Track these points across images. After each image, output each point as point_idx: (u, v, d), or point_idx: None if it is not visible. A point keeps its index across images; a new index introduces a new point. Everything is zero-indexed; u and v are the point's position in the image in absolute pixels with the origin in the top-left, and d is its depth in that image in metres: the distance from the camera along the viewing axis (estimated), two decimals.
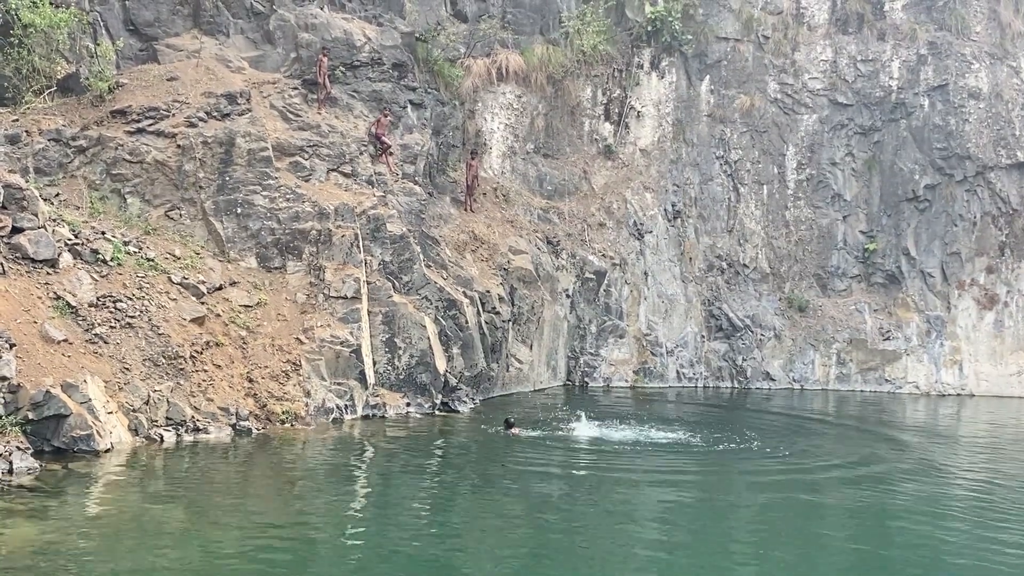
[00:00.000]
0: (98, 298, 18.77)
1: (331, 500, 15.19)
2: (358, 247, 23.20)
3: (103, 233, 20.21)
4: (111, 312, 18.68)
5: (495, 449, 19.76)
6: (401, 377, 23.10)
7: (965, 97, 34.77)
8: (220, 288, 21.30)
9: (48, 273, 18.41)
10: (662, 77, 34.24)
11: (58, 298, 18.10)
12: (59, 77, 23.43)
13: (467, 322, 24.99)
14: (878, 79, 35.26)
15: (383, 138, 25.87)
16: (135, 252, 20.39)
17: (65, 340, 17.38)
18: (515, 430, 20.64)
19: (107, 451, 16.27)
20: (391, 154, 26.14)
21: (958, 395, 34.25)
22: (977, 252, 34.86)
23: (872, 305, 34.88)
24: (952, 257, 34.80)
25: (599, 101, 33.76)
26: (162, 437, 17.62)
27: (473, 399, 24.67)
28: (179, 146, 22.61)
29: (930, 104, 34.97)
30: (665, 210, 33.55)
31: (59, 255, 18.71)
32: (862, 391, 33.88)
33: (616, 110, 33.86)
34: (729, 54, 34.90)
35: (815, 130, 35.32)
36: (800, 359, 34.05)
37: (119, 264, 19.72)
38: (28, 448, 15.31)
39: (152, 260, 20.47)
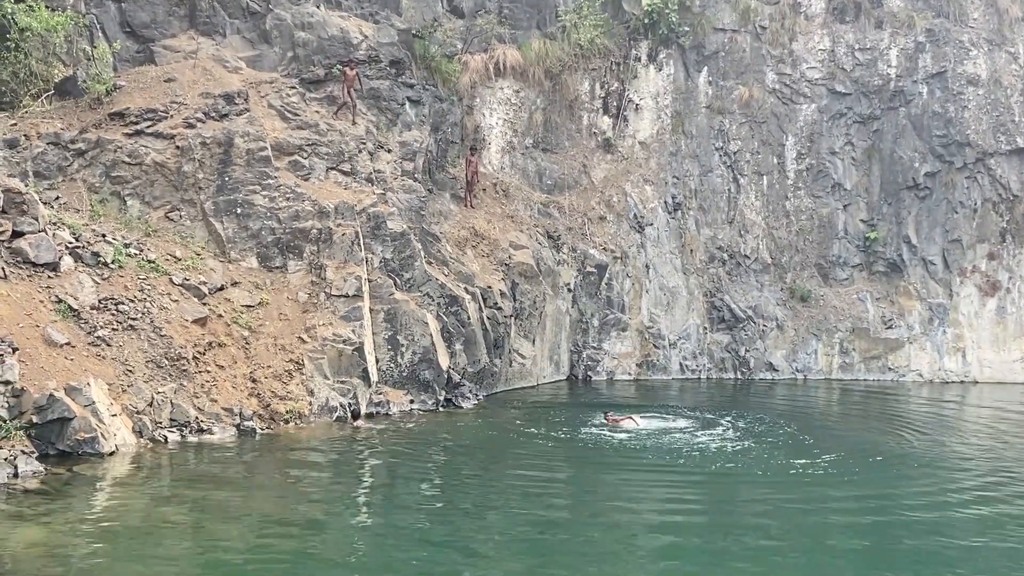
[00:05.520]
0: (100, 301, 18.77)
1: (337, 499, 15.20)
2: (359, 245, 23.19)
3: (103, 236, 20.21)
4: (113, 314, 18.68)
5: (499, 444, 19.78)
6: (404, 374, 23.10)
7: (964, 84, 34.70)
8: (222, 288, 21.30)
9: (49, 277, 18.41)
10: (660, 69, 34.19)
11: (60, 301, 18.10)
12: (56, 80, 23.43)
13: (469, 318, 24.98)
14: (876, 67, 35.21)
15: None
16: (136, 254, 20.39)
17: (68, 343, 17.38)
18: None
19: (112, 453, 16.28)
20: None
21: (961, 382, 34.23)
22: (978, 239, 34.81)
23: (874, 294, 34.86)
24: (953, 244, 34.75)
25: (597, 95, 33.72)
26: (166, 438, 17.63)
27: (476, 395, 24.67)
28: (178, 147, 22.60)
29: (929, 91, 34.90)
30: (665, 202, 33.52)
31: (60, 258, 18.71)
32: (865, 380, 33.86)
33: (614, 103, 33.81)
34: (727, 45, 34.85)
35: (814, 120, 35.28)
36: (803, 349, 34.04)
37: (120, 266, 19.72)
38: (33, 452, 15.32)
39: (153, 262, 20.47)
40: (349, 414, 20.88)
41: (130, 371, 18.05)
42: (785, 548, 12.96)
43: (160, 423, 17.89)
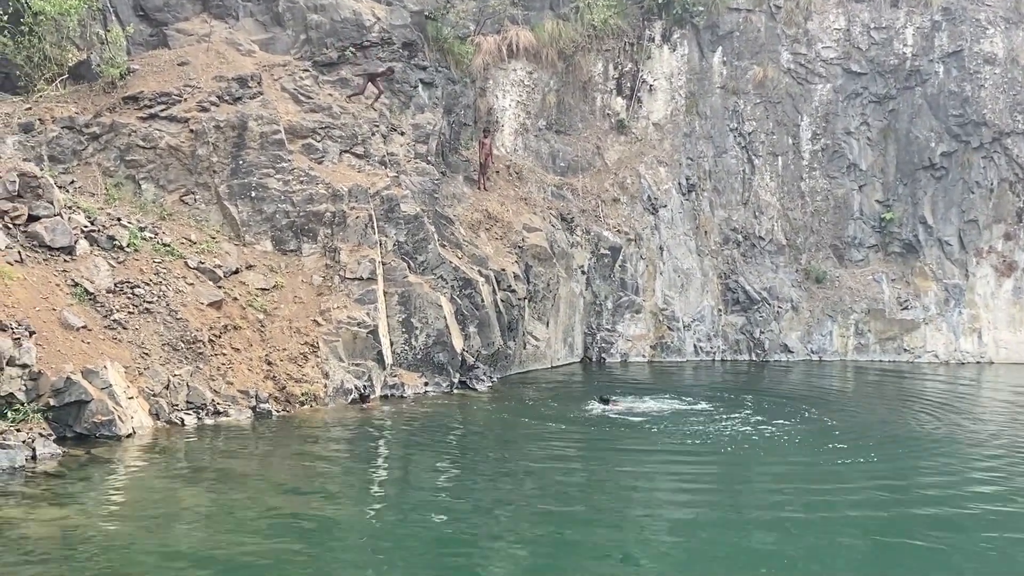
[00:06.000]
0: (116, 284, 18.86)
1: (352, 480, 15.27)
2: (372, 228, 23.20)
3: (119, 219, 20.28)
4: (129, 298, 18.77)
5: (513, 427, 19.81)
6: (418, 357, 23.14)
7: (980, 63, 34.42)
8: (236, 272, 21.36)
9: (65, 260, 18.50)
10: (674, 50, 34.02)
11: (76, 285, 18.18)
12: (70, 64, 23.46)
13: (483, 301, 24.99)
14: (892, 47, 34.94)
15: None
16: (151, 238, 20.46)
17: (84, 327, 17.47)
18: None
19: (129, 436, 16.38)
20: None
21: (977, 363, 34.10)
22: (995, 219, 34.61)
23: (890, 275, 34.72)
24: (969, 225, 34.56)
25: (611, 76, 33.58)
26: (183, 421, 17.73)
27: (491, 377, 24.71)
28: (192, 131, 22.63)
29: (945, 71, 34.63)
30: (679, 184, 33.40)
31: (76, 242, 18.79)
32: (880, 361, 33.76)
33: (628, 84, 33.67)
34: (741, 25, 34.62)
35: (829, 100, 35.06)
36: (818, 331, 33.95)
37: (136, 250, 19.79)
38: (50, 434, 15.44)
39: (168, 245, 20.53)
40: (359, 396, 20.90)
41: (146, 354, 18.14)
42: (812, 546, 12.84)
43: (177, 406, 17.98)
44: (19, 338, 15.79)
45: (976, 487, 15.58)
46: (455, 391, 23.20)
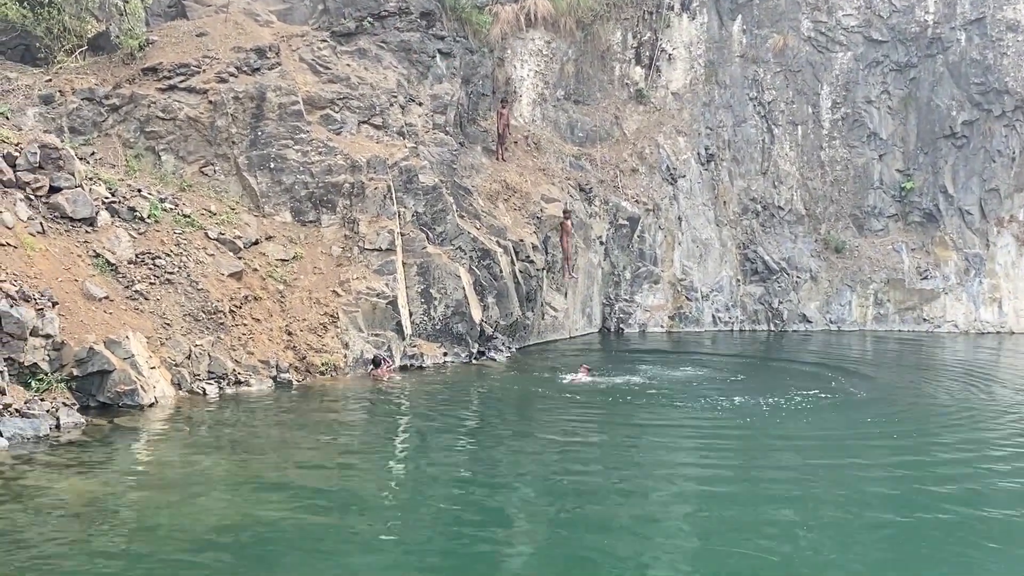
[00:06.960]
0: (137, 255, 18.99)
1: (373, 449, 15.38)
2: (391, 199, 23.23)
3: (139, 191, 20.39)
4: (150, 269, 18.90)
5: (531, 397, 19.89)
6: (437, 327, 23.23)
7: (1003, 30, 34.02)
8: (256, 243, 21.46)
9: (87, 232, 18.63)
10: (693, 18, 33.76)
11: (97, 256, 18.31)
12: (90, 36, 23.53)
13: (501, 271, 25.03)
14: (913, 14, 34.57)
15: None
16: (171, 209, 20.56)
17: (106, 297, 17.61)
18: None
19: (151, 405, 16.54)
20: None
21: (997, 333, 33.94)
22: (1016, 188, 34.33)
23: (910, 244, 34.54)
24: (990, 194, 34.29)
25: (629, 45, 33.38)
26: (205, 390, 17.89)
27: (509, 347, 24.79)
28: (211, 102, 22.66)
29: (967, 38, 34.26)
30: (698, 154, 33.25)
31: (97, 213, 18.91)
32: (900, 331, 33.67)
33: (647, 53, 33.47)
34: None
35: (850, 68, 34.75)
36: (837, 300, 33.85)
37: (156, 221, 19.90)
38: (74, 404, 15.62)
39: (188, 216, 20.63)
40: (372, 363, 20.99)
41: (168, 324, 18.29)
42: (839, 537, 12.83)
43: (198, 375, 18.14)
44: (42, 308, 15.94)
45: (1004, 460, 15.54)
46: (474, 361, 23.29)
